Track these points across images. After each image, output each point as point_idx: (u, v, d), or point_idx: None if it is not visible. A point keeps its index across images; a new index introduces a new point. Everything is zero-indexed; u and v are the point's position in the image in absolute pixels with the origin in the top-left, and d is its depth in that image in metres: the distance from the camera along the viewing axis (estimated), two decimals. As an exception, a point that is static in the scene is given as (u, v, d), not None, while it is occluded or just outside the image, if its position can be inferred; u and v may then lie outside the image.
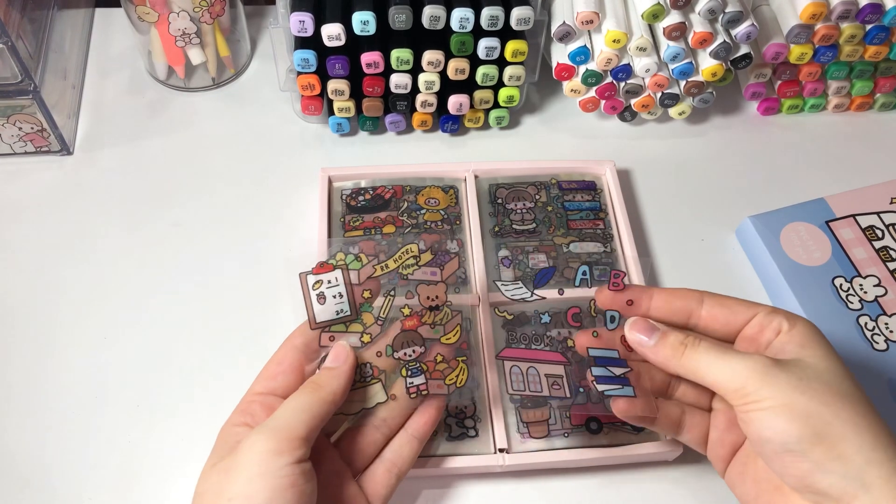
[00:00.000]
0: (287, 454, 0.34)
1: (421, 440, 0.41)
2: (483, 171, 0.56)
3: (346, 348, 0.39)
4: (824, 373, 0.34)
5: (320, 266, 0.39)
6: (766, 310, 0.38)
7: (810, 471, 0.33)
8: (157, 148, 0.61)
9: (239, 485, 0.33)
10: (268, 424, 0.35)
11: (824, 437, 0.33)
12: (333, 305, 0.39)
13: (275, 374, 0.39)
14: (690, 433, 0.40)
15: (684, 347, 0.37)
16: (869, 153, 0.63)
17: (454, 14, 0.51)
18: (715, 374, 0.36)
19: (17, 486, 0.45)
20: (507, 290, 0.42)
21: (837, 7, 0.55)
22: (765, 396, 0.33)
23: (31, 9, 0.56)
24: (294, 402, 0.36)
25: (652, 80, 0.58)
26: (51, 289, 0.53)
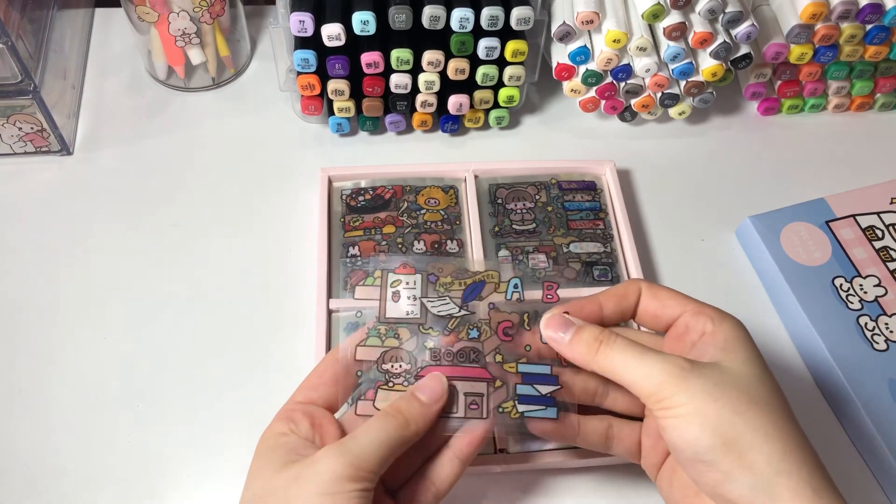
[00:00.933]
0: (360, 482, 0.34)
1: (464, 462, 0.39)
2: (483, 171, 0.56)
3: (443, 385, 0.38)
4: (741, 378, 0.34)
5: (403, 266, 0.40)
6: (694, 308, 0.37)
7: (720, 480, 0.32)
8: (157, 148, 0.61)
9: (308, 497, 0.33)
10: (349, 449, 0.34)
11: (734, 446, 0.32)
12: (406, 306, 0.39)
13: (316, 384, 0.39)
14: (620, 446, 0.39)
15: (599, 344, 0.36)
16: (869, 153, 0.63)
17: (454, 14, 0.51)
18: (630, 374, 0.35)
19: (18, 487, 0.45)
20: (434, 306, 0.40)
21: (837, 7, 0.55)
22: (678, 403, 0.33)
23: (31, 9, 0.56)
24: (378, 434, 0.35)
25: (652, 80, 0.58)
26: (51, 289, 0.53)
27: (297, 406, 0.38)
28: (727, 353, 0.35)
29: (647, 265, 0.56)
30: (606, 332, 0.36)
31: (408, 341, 0.39)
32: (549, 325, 0.38)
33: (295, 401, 0.39)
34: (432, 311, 0.39)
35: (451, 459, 0.39)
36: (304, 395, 0.39)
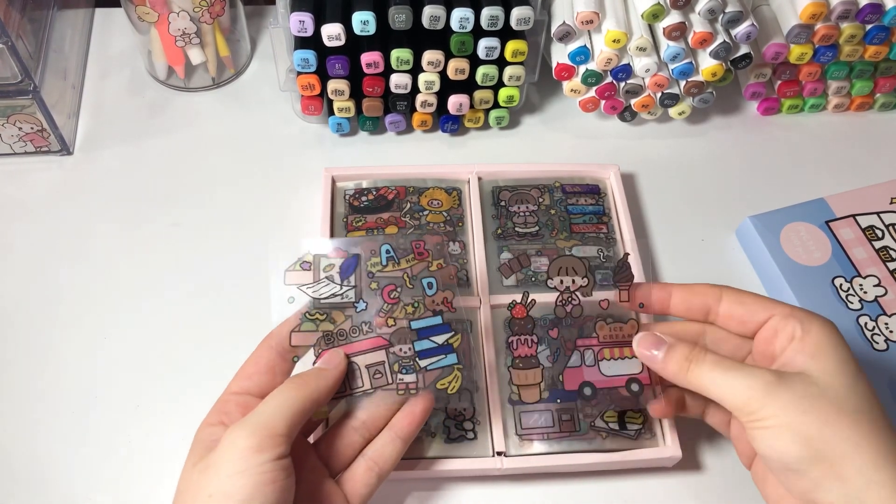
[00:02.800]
0: (268, 451, 0.33)
1: (405, 440, 0.40)
2: (486, 173, 0.56)
3: (339, 355, 0.39)
4: (830, 388, 0.34)
5: (336, 251, 0.40)
6: (783, 312, 0.38)
7: (810, 489, 0.33)
8: (157, 148, 0.61)
9: (219, 481, 0.33)
10: (249, 420, 0.35)
11: (824, 456, 0.32)
12: (328, 288, 0.39)
13: (250, 374, 0.39)
14: (716, 416, 0.42)
15: (689, 363, 0.37)
16: (869, 153, 0.63)
17: (454, 14, 0.51)
18: (720, 390, 0.36)
19: (18, 487, 0.45)
20: (314, 291, 0.40)
21: (837, 7, 0.55)
22: (767, 415, 0.34)
23: (31, 9, 0.56)
24: (276, 398, 0.36)
25: (652, 80, 0.58)
26: (51, 289, 0.53)
27: (231, 397, 0.38)
28: (816, 360, 0.35)
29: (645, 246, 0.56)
30: (696, 351, 0.37)
31: (343, 324, 0.39)
32: (642, 344, 0.40)
33: (230, 391, 0.39)
34: (312, 296, 0.40)
35: (393, 439, 0.40)
36: (238, 386, 0.39)
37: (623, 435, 0.45)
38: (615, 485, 0.46)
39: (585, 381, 0.42)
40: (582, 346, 0.41)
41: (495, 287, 0.51)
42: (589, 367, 0.42)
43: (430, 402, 0.41)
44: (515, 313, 0.42)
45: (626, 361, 0.41)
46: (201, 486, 0.33)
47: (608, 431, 0.46)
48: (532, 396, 0.44)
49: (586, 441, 0.45)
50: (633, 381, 0.41)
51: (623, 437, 0.45)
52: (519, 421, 0.46)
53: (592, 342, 0.41)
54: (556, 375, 0.42)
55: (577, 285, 0.41)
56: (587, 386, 0.43)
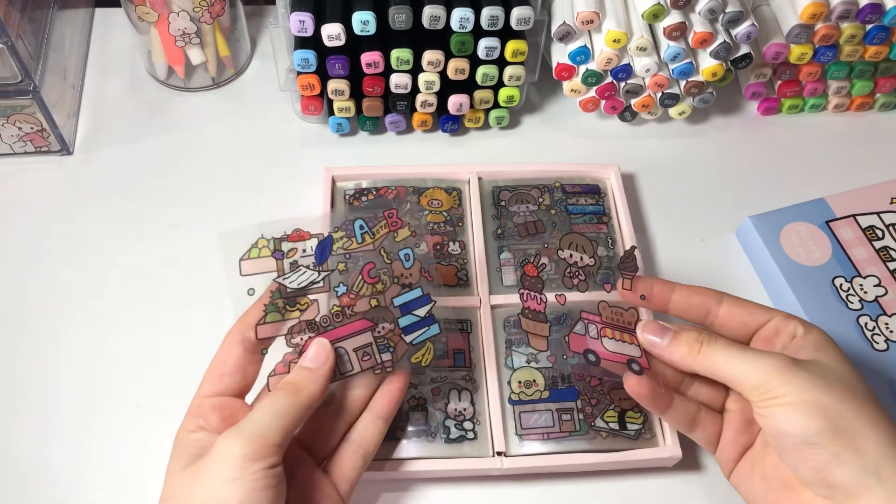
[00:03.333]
0: (262, 460, 0.33)
1: (386, 420, 0.41)
2: (487, 173, 0.56)
3: (326, 347, 0.38)
4: (841, 374, 0.36)
5: (296, 233, 0.38)
6: (784, 314, 0.39)
7: (827, 463, 0.34)
8: (157, 148, 0.61)
9: (212, 487, 0.33)
10: (243, 429, 0.34)
11: (843, 431, 0.34)
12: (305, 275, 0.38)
13: (220, 374, 0.38)
14: (703, 431, 0.41)
15: (700, 345, 0.38)
16: (869, 153, 0.63)
17: (454, 14, 0.51)
18: (735, 370, 0.37)
19: (18, 487, 0.45)
20: (290, 281, 0.38)
21: (837, 7, 0.55)
22: (786, 392, 0.35)
23: (31, 9, 0.56)
24: (271, 407, 0.35)
25: (652, 80, 0.58)
26: (50, 289, 0.53)
27: (205, 401, 0.38)
28: (822, 353, 0.37)
29: (649, 265, 0.56)
30: (706, 334, 0.38)
31: (312, 307, 0.38)
32: (647, 330, 0.40)
33: (202, 395, 0.38)
34: (290, 286, 0.38)
35: (374, 420, 0.40)
36: (209, 388, 0.38)
37: (623, 435, 0.45)
38: (615, 485, 0.46)
39: (590, 349, 0.42)
40: (587, 318, 0.42)
41: (495, 287, 0.51)
42: (593, 338, 0.42)
43: (406, 379, 0.41)
44: (527, 270, 0.42)
45: (627, 345, 0.41)
46: (192, 491, 0.33)
47: (608, 431, 0.46)
48: (540, 345, 0.43)
49: (586, 441, 0.45)
50: (633, 361, 0.41)
51: (623, 436, 0.45)
52: (519, 421, 0.46)
53: (596, 318, 0.42)
54: (563, 338, 0.42)
55: (585, 262, 0.42)
56: (591, 353, 0.42)
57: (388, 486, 0.46)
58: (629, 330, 0.41)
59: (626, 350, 0.41)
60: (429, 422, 0.45)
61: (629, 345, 0.41)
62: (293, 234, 0.38)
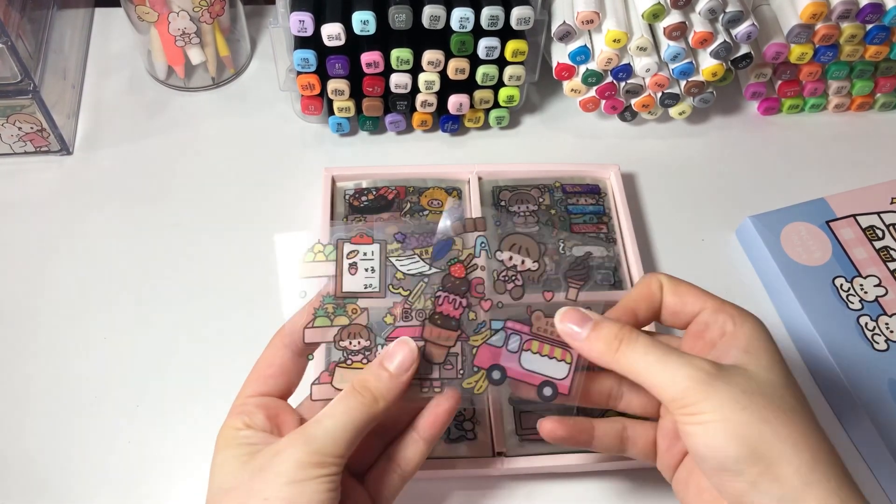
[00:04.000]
0: (325, 467, 0.33)
1: (428, 442, 0.38)
2: (487, 173, 0.56)
3: (414, 352, 0.36)
4: (766, 384, 0.33)
5: (360, 236, 0.37)
6: (713, 306, 0.36)
7: (746, 491, 0.31)
8: (157, 148, 0.61)
9: (276, 487, 0.33)
10: (312, 434, 0.34)
11: (762, 456, 0.31)
12: (364, 279, 0.37)
13: (266, 376, 0.38)
14: (635, 448, 0.39)
15: (619, 342, 0.34)
16: (869, 153, 0.63)
17: (454, 14, 0.51)
18: (653, 377, 0.33)
19: (18, 487, 0.45)
20: (403, 265, 0.37)
21: (838, 7, 0.55)
22: (704, 410, 0.32)
23: (31, 9, 0.56)
24: (342, 416, 0.34)
25: (652, 80, 0.58)
26: (50, 288, 0.53)
27: (249, 400, 0.37)
28: (750, 356, 0.34)
29: (649, 265, 0.56)
30: (627, 330, 0.35)
31: (361, 315, 0.37)
32: (566, 319, 0.36)
33: (246, 394, 0.38)
34: (401, 269, 0.37)
35: (416, 440, 0.38)
36: (253, 388, 0.38)
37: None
38: (615, 484, 0.46)
39: (498, 365, 0.37)
40: (511, 328, 0.37)
41: None
42: (510, 352, 0.37)
43: (456, 402, 0.38)
44: (453, 271, 0.38)
45: (552, 362, 0.37)
46: (255, 487, 0.33)
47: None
48: (439, 356, 0.38)
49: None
50: (548, 384, 0.37)
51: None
52: (519, 421, 0.46)
53: (524, 329, 0.37)
54: (471, 349, 0.37)
55: (526, 266, 0.38)
56: (497, 369, 0.37)
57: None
58: (561, 344, 0.37)
59: (547, 369, 0.37)
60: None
61: (556, 362, 0.37)
62: (357, 236, 0.38)
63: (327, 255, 0.38)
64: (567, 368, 0.37)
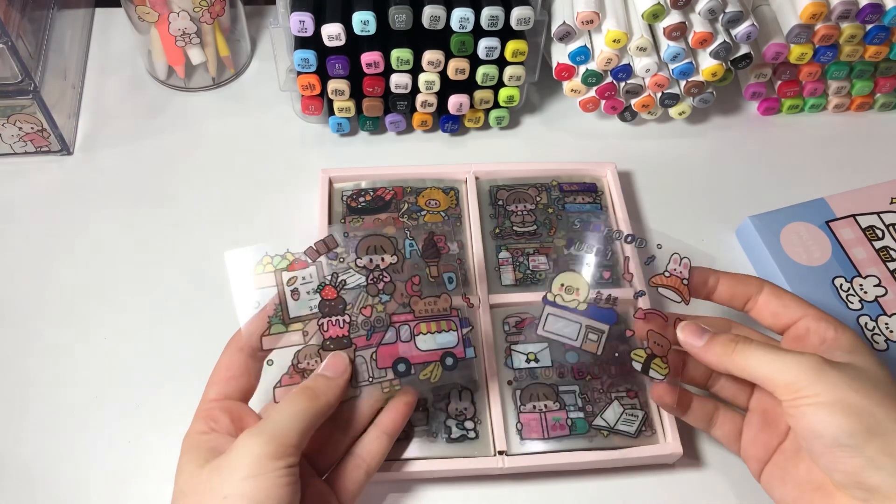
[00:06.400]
0: (282, 458, 0.34)
1: (391, 436, 0.41)
2: (484, 173, 0.56)
3: (344, 360, 0.39)
4: (875, 378, 0.35)
5: (295, 263, 0.40)
6: (816, 314, 0.39)
7: (862, 466, 0.33)
8: (157, 148, 0.61)
9: (234, 483, 0.34)
10: (264, 428, 0.35)
11: (877, 433, 0.33)
12: (308, 302, 0.39)
13: (226, 378, 0.40)
14: (722, 429, 0.42)
15: (734, 345, 0.38)
16: (869, 153, 0.63)
17: (454, 14, 0.51)
18: (767, 369, 0.36)
19: (18, 487, 0.45)
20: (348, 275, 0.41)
21: (837, 7, 0.55)
22: (818, 392, 0.34)
23: (31, 9, 0.56)
24: (290, 409, 0.36)
25: (652, 80, 0.58)
26: (50, 289, 0.53)
27: (213, 404, 0.39)
28: (856, 356, 0.36)
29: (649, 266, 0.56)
30: (741, 337, 0.38)
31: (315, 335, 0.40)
32: (685, 332, 0.40)
33: (209, 399, 0.39)
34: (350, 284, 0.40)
35: (379, 435, 0.41)
36: (216, 392, 0.39)
37: (624, 433, 0.46)
38: (617, 482, 0.46)
39: (400, 358, 0.41)
40: (397, 321, 0.41)
41: (494, 287, 0.51)
42: (405, 342, 0.41)
43: (415, 396, 0.42)
44: (324, 293, 0.41)
45: (443, 335, 0.41)
46: (213, 487, 0.34)
47: (609, 430, 0.46)
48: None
49: (587, 439, 0.45)
50: (449, 354, 0.40)
51: (624, 434, 0.45)
52: (520, 420, 0.46)
53: (407, 317, 0.41)
54: (369, 356, 0.41)
55: (387, 262, 0.41)
56: (401, 362, 0.41)
57: (390, 487, 0.46)
58: (445, 316, 0.41)
59: (442, 341, 0.41)
60: (430, 422, 0.45)
61: (446, 333, 0.41)
62: (293, 263, 0.40)
63: (276, 265, 0.40)
64: (456, 337, 0.41)
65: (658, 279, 0.42)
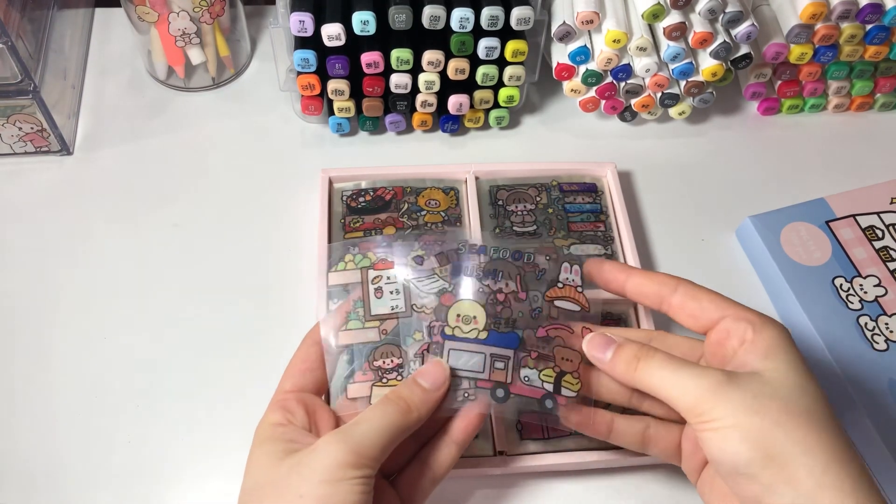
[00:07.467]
0: (361, 468, 0.34)
1: (461, 446, 0.39)
2: (483, 173, 0.56)
3: (445, 372, 0.38)
4: (782, 388, 0.33)
5: (382, 262, 0.40)
6: (734, 314, 0.36)
7: (761, 493, 0.32)
8: (157, 148, 0.61)
9: (311, 485, 0.33)
10: (348, 434, 0.35)
11: (774, 459, 0.31)
12: (390, 301, 0.40)
13: (302, 370, 0.39)
14: (657, 447, 0.39)
15: (637, 361, 0.36)
16: (869, 153, 0.63)
17: (454, 14, 0.51)
18: (669, 390, 0.35)
19: (18, 487, 0.45)
20: (424, 285, 0.40)
21: (837, 7, 0.55)
22: (716, 416, 0.33)
23: (31, 9, 0.56)
24: (380, 421, 0.35)
25: (652, 80, 0.58)
26: (50, 289, 0.53)
27: (289, 395, 0.38)
28: (768, 361, 0.34)
29: (648, 266, 0.56)
30: (645, 349, 0.36)
31: (394, 333, 0.39)
32: (590, 345, 0.39)
33: (285, 390, 0.39)
34: (421, 290, 0.40)
35: (448, 444, 0.39)
36: (292, 384, 0.39)
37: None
38: (617, 482, 0.46)
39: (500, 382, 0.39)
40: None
41: None
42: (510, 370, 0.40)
43: (487, 408, 0.39)
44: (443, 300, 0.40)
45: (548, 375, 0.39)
46: (291, 484, 0.34)
47: None
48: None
49: (587, 439, 0.45)
50: (549, 396, 0.38)
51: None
52: (520, 420, 0.46)
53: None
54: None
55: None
56: (500, 387, 0.39)
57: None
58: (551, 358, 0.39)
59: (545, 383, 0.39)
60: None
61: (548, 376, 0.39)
62: (379, 263, 0.40)
63: (357, 263, 0.41)
64: (573, 394, 0.39)
65: (552, 293, 0.40)
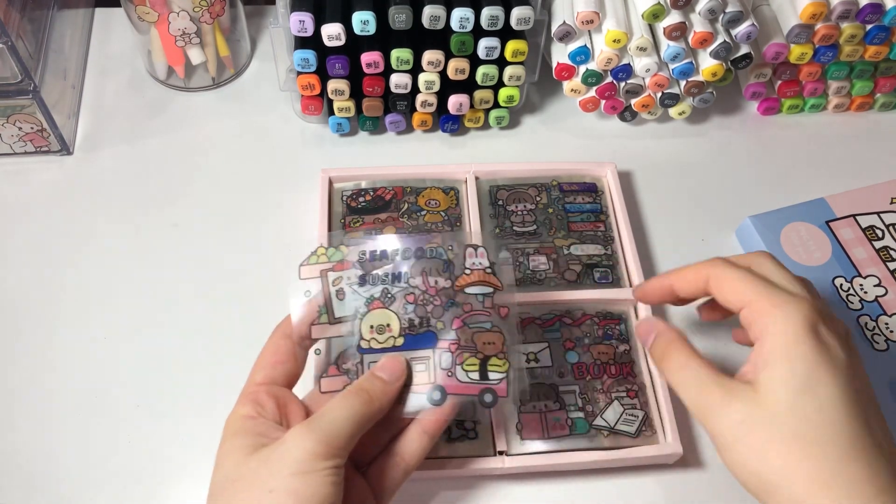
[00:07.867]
0: (331, 458, 0.34)
1: (432, 436, 0.40)
2: (483, 173, 0.56)
3: (402, 364, 0.39)
4: (771, 407, 0.33)
5: (340, 263, 0.40)
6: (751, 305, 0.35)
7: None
8: (157, 148, 0.61)
9: (281, 478, 0.34)
10: (316, 425, 0.35)
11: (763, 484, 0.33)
12: (352, 302, 0.39)
13: (273, 363, 0.39)
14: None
15: (662, 357, 0.38)
16: (869, 153, 0.63)
17: (454, 14, 0.51)
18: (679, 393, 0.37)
19: (18, 487, 0.45)
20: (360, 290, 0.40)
21: (837, 7, 0.55)
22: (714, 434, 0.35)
23: (31, 9, 0.56)
24: (344, 410, 0.36)
25: (652, 80, 0.58)
26: (50, 289, 0.53)
27: (260, 388, 0.38)
28: (766, 370, 0.34)
29: (648, 266, 0.56)
30: (674, 345, 0.38)
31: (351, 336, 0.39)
32: (639, 330, 0.41)
33: (255, 382, 0.39)
34: (360, 294, 0.40)
35: (420, 434, 0.40)
36: (263, 376, 0.39)
37: (624, 433, 0.46)
38: (617, 482, 0.46)
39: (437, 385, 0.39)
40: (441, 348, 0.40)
41: None
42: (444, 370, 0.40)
43: (433, 413, 0.40)
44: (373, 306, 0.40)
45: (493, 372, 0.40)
46: (261, 476, 0.34)
47: (609, 429, 0.46)
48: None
49: (587, 439, 0.45)
50: (488, 391, 0.39)
51: (624, 434, 0.46)
52: (520, 420, 0.46)
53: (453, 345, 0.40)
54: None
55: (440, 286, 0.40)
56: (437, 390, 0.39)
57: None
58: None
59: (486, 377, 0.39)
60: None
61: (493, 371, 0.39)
62: (337, 264, 0.40)
63: (329, 256, 0.40)
64: (502, 375, 0.39)
65: (461, 281, 0.40)
